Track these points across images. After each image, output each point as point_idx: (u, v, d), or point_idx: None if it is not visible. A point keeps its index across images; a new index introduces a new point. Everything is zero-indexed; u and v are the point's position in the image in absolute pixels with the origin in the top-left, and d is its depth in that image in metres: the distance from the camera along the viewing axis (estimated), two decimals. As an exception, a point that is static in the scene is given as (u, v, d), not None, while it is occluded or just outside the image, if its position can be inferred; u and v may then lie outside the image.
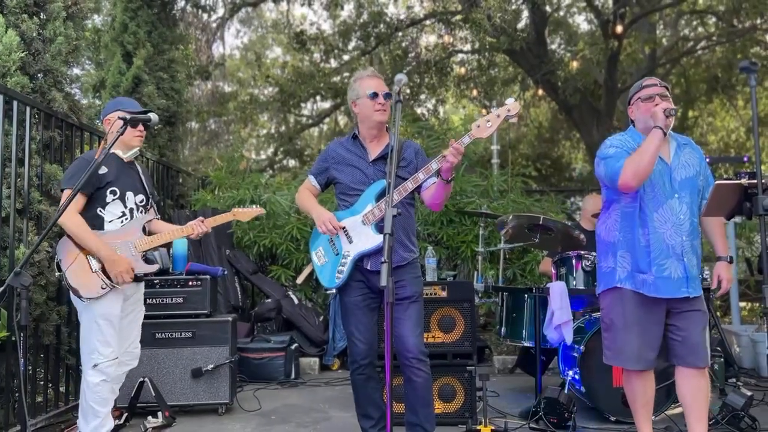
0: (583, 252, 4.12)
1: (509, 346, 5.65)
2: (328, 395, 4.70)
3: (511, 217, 4.30)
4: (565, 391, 3.68)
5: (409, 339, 2.91)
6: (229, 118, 14.75)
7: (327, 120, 16.49)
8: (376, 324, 3.11)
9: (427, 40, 11.67)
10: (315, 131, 17.45)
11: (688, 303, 2.88)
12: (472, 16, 8.41)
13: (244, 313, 5.97)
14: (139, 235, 3.23)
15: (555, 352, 4.35)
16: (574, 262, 4.13)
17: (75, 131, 4.30)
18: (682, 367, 2.93)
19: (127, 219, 3.20)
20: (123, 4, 6.51)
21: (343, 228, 2.99)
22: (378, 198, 2.96)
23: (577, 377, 3.83)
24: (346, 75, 12.47)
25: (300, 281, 6.05)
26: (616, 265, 2.96)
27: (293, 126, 15.90)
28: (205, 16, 12.03)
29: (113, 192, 3.16)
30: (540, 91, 11.78)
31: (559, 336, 3.83)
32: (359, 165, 3.06)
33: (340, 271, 2.98)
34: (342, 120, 16.23)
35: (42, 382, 3.96)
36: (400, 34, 11.41)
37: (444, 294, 3.87)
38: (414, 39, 11.44)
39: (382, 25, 11.15)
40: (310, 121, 16.38)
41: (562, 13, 12.78)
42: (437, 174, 2.87)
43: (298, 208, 3.65)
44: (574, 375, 3.87)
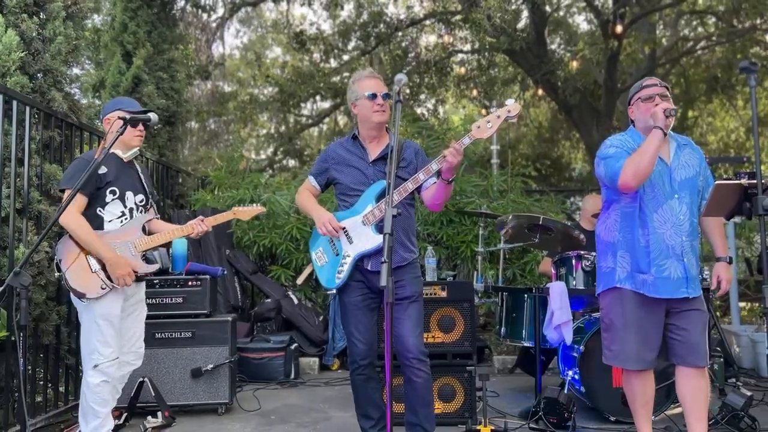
0: (582, 252, 4.12)
1: (509, 346, 5.65)
2: (328, 395, 4.70)
3: (510, 217, 4.31)
4: (565, 391, 3.68)
5: (408, 339, 2.91)
6: (229, 118, 14.75)
7: (327, 120, 16.49)
8: (376, 324, 3.11)
9: (427, 40, 11.67)
10: (315, 131, 17.45)
11: (688, 303, 2.89)
12: (472, 16, 8.41)
13: (243, 313, 5.97)
14: (139, 234, 3.22)
15: (555, 352, 4.35)
16: (574, 262, 4.14)
17: (75, 131, 4.30)
18: (682, 367, 2.93)
19: (126, 219, 3.20)
20: (123, 3, 6.50)
21: (343, 228, 2.98)
22: (378, 198, 2.96)
23: (576, 377, 3.83)
24: (346, 75, 12.47)
25: (300, 282, 6.05)
26: (616, 265, 2.96)
27: (293, 126, 15.90)
28: (204, 15, 12.04)
29: (113, 192, 3.15)
30: (540, 91, 11.77)
31: (558, 336, 3.83)
32: (359, 165, 3.05)
33: (340, 272, 2.98)
34: (342, 120, 16.23)
35: (41, 382, 3.96)
36: (400, 34, 11.40)
37: (444, 294, 3.87)
38: (414, 39, 11.44)
39: (381, 25, 11.14)
40: (309, 121, 16.38)
41: (561, 13, 12.77)
42: (438, 175, 2.87)
43: (298, 208, 3.65)
44: (573, 375, 3.87)
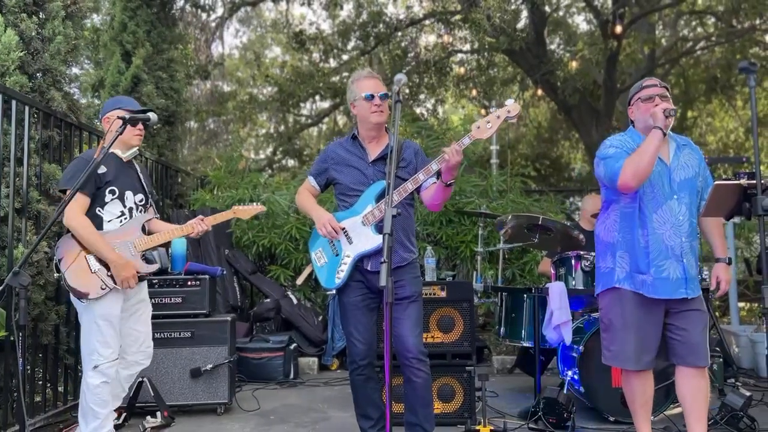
0: (582, 252, 4.12)
1: (508, 347, 5.65)
2: (327, 395, 4.70)
3: (510, 217, 4.31)
4: (564, 391, 3.67)
5: (408, 339, 2.91)
6: (228, 118, 14.75)
7: (326, 120, 16.49)
8: (376, 324, 3.11)
9: (427, 40, 11.67)
10: (314, 131, 17.45)
11: (687, 303, 2.89)
12: (472, 16, 8.42)
13: (242, 312, 5.97)
14: (139, 234, 3.22)
15: (554, 352, 4.35)
16: (573, 262, 4.13)
17: (74, 131, 4.29)
18: (682, 367, 2.93)
19: (126, 218, 3.19)
20: (122, 3, 6.50)
21: (343, 229, 2.98)
22: (378, 199, 2.96)
23: (576, 377, 3.83)
24: (346, 75, 12.46)
25: (299, 282, 6.05)
26: (615, 266, 2.96)
27: (292, 126, 15.89)
28: (204, 15, 12.03)
29: (112, 191, 3.14)
30: (539, 91, 11.78)
31: (558, 336, 3.83)
32: (359, 165, 3.05)
33: (340, 272, 2.98)
34: (341, 120, 16.23)
35: (40, 382, 3.96)
36: (400, 33, 11.40)
37: (443, 294, 3.86)
38: (413, 39, 11.43)
39: (381, 24, 11.14)
40: (309, 120, 16.37)
41: (561, 13, 12.77)
42: (437, 175, 2.87)
43: (298, 208, 3.65)
44: (573, 375, 3.87)
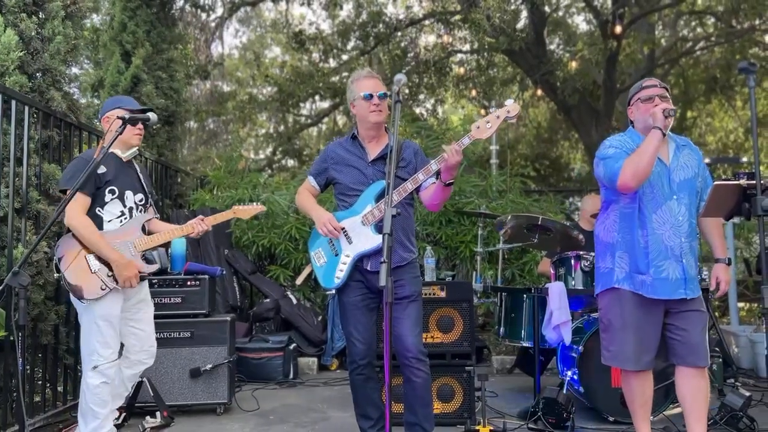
0: (581, 252, 4.12)
1: (508, 347, 5.65)
2: (327, 395, 4.70)
3: (509, 217, 4.31)
4: (564, 391, 3.67)
5: (408, 338, 2.91)
6: (228, 118, 14.74)
7: (326, 120, 16.48)
8: (375, 324, 3.11)
9: (426, 40, 11.67)
10: (314, 131, 17.44)
11: (687, 303, 2.89)
12: (471, 16, 8.42)
13: (242, 313, 5.97)
14: (139, 234, 3.22)
15: (554, 352, 4.35)
16: (573, 262, 4.14)
17: (74, 130, 4.29)
18: (682, 367, 2.93)
19: (126, 218, 3.19)
20: (122, 3, 6.49)
21: (343, 229, 2.98)
22: (377, 198, 2.96)
23: (575, 377, 3.84)
24: (345, 75, 12.45)
25: (299, 282, 6.05)
26: (615, 266, 2.96)
27: (292, 126, 15.89)
28: (203, 15, 12.01)
29: (112, 191, 3.14)
30: (539, 92, 11.78)
31: (557, 336, 3.84)
32: (358, 165, 3.05)
33: (340, 272, 2.98)
34: (341, 120, 16.22)
35: (40, 382, 3.96)
36: (399, 34, 11.40)
37: (443, 294, 3.86)
38: (413, 39, 11.43)
39: (381, 25, 11.14)
40: (308, 120, 16.37)
41: (561, 13, 12.77)
42: (437, 175, 2.87)
43: (298, 208, 3.65)
44: (572, 375, 3.87)
